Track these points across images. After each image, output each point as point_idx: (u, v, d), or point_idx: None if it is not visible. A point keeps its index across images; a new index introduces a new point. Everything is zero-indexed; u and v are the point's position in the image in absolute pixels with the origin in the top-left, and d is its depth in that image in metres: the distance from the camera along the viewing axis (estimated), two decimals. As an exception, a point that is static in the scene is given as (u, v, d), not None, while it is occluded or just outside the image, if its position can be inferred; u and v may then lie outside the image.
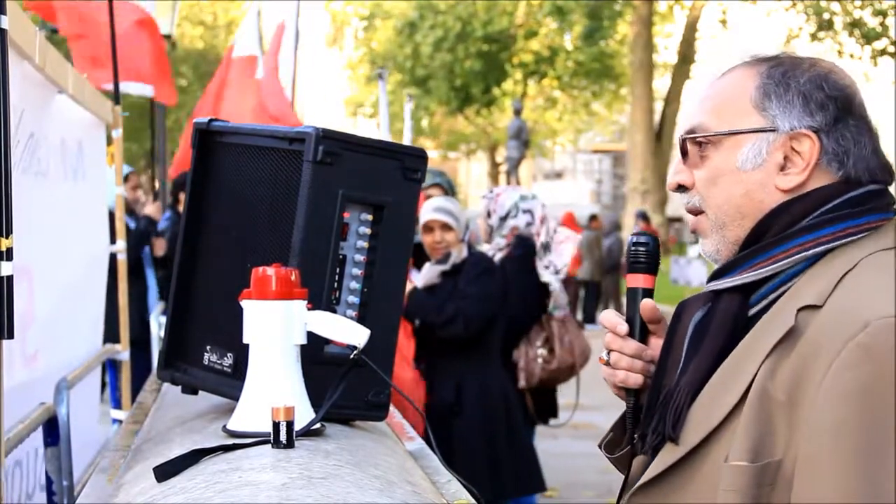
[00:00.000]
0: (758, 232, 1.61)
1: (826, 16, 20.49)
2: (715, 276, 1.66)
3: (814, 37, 20.85)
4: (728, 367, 1.56)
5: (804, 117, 1.59)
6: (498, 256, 5.59)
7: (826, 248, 1.55)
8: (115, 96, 5.13)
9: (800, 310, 1.50)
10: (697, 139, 1.66)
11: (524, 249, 5.61)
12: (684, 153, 1.69)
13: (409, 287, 5.04)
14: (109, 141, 5.12)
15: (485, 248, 5.72)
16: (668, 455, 1.59)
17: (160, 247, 8.44)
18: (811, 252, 1.56)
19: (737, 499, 1.49)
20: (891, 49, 20.36)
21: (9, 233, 1.78)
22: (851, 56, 20.92)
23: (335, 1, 33.49)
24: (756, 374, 1.50)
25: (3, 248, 1.77)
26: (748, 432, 1.50)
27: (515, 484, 5.08)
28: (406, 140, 8.73)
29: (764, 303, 1.59)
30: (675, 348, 1.65)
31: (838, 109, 1.59)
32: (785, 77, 1.61)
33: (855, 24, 20.30)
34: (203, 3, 33.09)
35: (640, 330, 1.75)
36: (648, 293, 1.75)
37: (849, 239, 1.56)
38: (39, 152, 3.42)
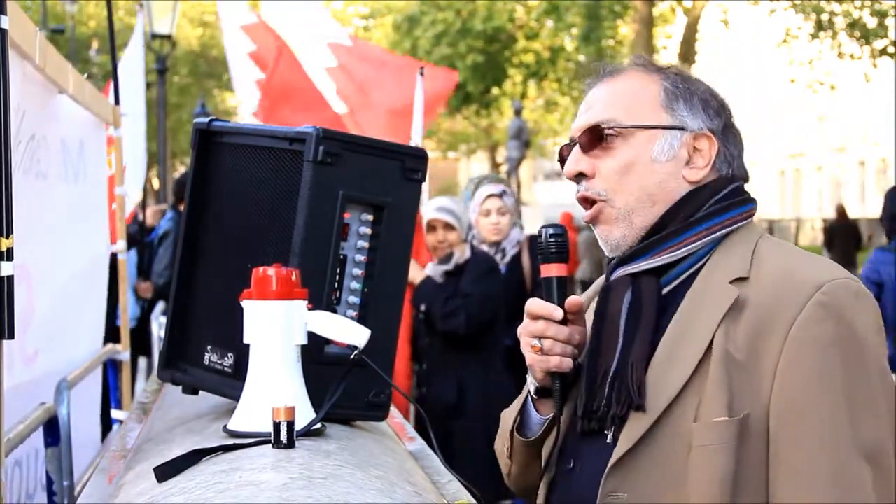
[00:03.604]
0: (667, 218, 1.79)
1: (825, 16, 20.43)
2: (624, 261, 1.82)
3: (813, 37, 20.79)
4: (672, 339, 1.72)
5: (706, 120, 1.82)
6: (512, 253, 5.61)
7: (726, 232, 1.79)
8: (115, 96, 5.13)
9: (731, 282, 1.71)
10: (607, 132, 1.81)
11: None
12: (586, 144, 1.82)
13: (422, 275, 5.05)
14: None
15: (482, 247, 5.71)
16: (637, 424, 1.69)
17: (146, 290, 8.37)
18: (717, 235, 1.78)
19: (724, 452, 1.63)
20: (890, 49, 20.29)
21: (9, 233, 1.78)
22: (851, 56, 20.85)
23: (335, 1, 33.45)
24: (712, 339, 1.67)
25: (4, 249, 1.77)
26: (721, 390, 1.65)
27: None
28: None
29: (677, 282, 1.78)
30: (608, 329, 1.79)
31: (726, 119, 1.85)
32: (686, 84, 1.84)
33: (854, 25, 20.23)
34: (203, 4, 33.05)
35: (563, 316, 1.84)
36: (563, 281, 1.84)
37: (738, 224, 1.80)
38: (40, 153, 3.42)
